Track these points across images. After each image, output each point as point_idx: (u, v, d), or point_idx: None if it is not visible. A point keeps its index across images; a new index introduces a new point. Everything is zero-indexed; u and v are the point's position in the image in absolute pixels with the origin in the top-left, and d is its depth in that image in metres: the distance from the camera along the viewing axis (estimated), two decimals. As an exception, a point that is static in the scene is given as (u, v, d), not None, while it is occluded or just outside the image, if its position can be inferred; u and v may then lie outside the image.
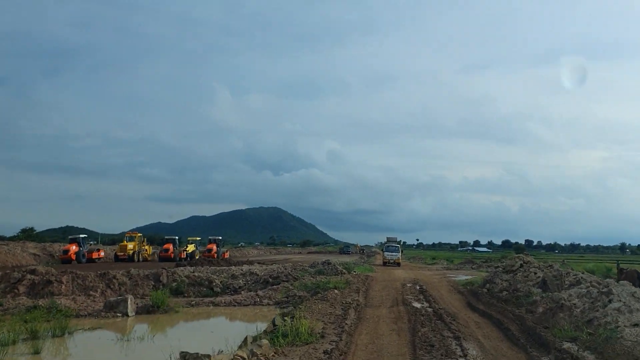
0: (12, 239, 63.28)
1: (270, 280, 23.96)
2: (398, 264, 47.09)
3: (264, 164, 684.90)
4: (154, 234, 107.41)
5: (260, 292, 21.91)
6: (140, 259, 52.51)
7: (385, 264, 47.27)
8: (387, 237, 52.05)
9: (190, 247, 59.91)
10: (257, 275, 24.68)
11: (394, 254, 47.98)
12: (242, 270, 26.45)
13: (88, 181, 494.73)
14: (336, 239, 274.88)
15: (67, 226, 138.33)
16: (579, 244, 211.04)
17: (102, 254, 52.68)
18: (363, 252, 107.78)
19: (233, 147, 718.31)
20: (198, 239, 64.11)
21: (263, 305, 20.94)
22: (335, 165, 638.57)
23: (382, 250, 50.99)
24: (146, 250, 56.26)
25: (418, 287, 23.80)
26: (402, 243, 53.04)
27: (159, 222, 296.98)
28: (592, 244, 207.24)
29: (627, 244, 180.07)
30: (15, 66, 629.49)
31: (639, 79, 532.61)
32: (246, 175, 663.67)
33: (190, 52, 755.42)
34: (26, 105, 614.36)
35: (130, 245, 53.40)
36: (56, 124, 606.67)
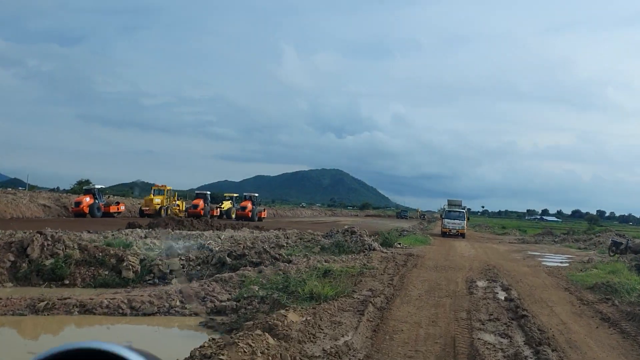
0: (67, 191, 56.68)
1: (229, 261, 12.62)
2: (462, 235, 34.39)
3: (328, 125, 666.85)
4: (220, 191, 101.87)
5: (193, 285, 10.70)
6: (169, 215, 43.60)
7: (444, 234, 34.64)
8: (448, 200, 38.43)
9: (226, 204, 51.18)
10: (211, 251, 13.35)
11: (457, 221, 35.06)
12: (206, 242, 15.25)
13: (159, 137, 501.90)
14: (398, 203, 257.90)
15: (137, 180, 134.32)
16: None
17: (122, 207, 44.57)
18: (424, 217, 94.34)
19: (298, 108, 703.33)
20: (235, 195, 54.45)
21: (184, 315, 9.76)
22: (400, 129, 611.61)
23: (441, 216, 37.77)
24: (178, 205, 47.54)
25: (502, 291, 11.41)
26: (466, 209, 39.33)
27: (226, 180, 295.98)
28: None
29: None
30: (93, 24, 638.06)
31: None
32: (310, 136, 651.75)
33: (261, 9, 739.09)
34: (102, 62, 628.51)
35: (157, 199, 44.98)
36: (131, 80, 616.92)
